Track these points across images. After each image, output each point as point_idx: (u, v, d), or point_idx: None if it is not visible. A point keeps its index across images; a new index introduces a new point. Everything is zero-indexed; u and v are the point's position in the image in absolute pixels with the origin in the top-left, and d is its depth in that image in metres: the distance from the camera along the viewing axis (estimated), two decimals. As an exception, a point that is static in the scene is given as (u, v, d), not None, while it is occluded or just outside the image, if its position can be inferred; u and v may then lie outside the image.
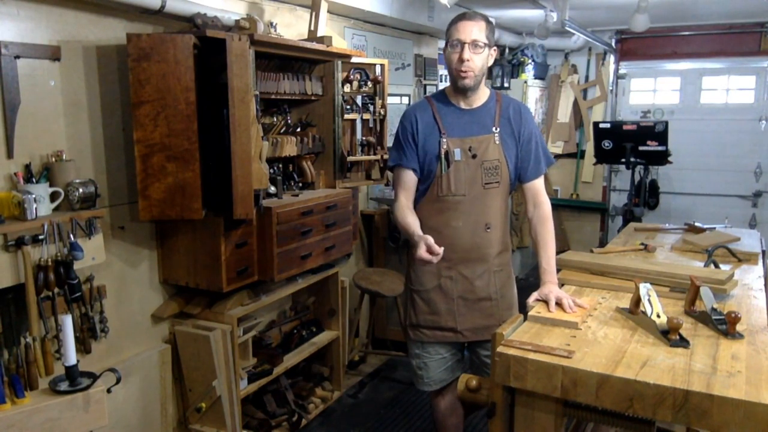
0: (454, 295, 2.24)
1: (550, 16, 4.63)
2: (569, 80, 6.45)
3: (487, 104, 2.23)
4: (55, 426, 1.97)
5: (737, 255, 2.47)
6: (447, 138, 2.17)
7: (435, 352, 2.32)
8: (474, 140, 2.18)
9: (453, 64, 2.12)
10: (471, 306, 2.25)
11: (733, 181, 5.93)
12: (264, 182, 2.66)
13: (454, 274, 2.23)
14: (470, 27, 2.09)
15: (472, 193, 2.18)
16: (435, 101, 2.25)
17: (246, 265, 2.73)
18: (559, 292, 1.94)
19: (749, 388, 1.36)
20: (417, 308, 2.30)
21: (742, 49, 5.74)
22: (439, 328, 2.27)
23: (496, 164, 2.19)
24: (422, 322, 2.29)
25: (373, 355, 4.14)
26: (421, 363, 2.34)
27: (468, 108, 2.22)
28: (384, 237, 4.12)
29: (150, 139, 2.34)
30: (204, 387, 2.76)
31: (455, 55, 2.10)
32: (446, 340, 2.29)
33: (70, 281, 2.16)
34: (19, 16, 2.12)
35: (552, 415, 1.58)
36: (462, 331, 2.25)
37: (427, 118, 2.21)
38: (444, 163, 2.16)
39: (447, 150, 2.16)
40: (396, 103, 4.49)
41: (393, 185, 2.31)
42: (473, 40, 2.08)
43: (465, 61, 2.08)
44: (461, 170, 2.17)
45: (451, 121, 2.20)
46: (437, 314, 2.26)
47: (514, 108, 2.26)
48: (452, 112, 2.22)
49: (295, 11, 3.41)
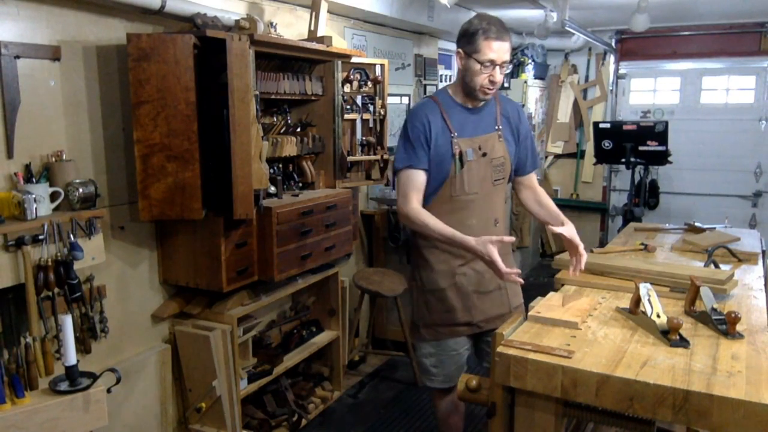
0: (468, 290, 2.27)
1: (550, 16, 4.63)
2: (569, 80, 6.45)
3: (488, 104, 2.28)
4: (55, 426, 1.97)
5: (737, 255, 2.47)
6: (458, 138, 2.20)
7: (450, 348, 2.35)
8: (482, 139, 2.24)
9: (480, 80, 2.13)
10: (483, 298, 2.29)
11: (733, 181, 5.93)
12: (264, 182, 2.66)
13: (467, 269, 2.27)
14: (503, 47, 2.11)
15: (483, 190, 2.24)
16: (441, 101, 2.25)
17: (246, 265, 2.73)
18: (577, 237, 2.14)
19: (749, 388, 1.36)
20: (431, 308, 2.32)
21: (742, 49, 5.74)
22: (455, 324, 2.30)
23: (502, 161, 2.27)
24: (438, 320, 2.31)
25: (373, 355, 4.14)
26: (436, 361, 2.36)
27: (473, 108, 2.26)
28: (384, 237, 4.12)
29: (150, 139, 2.34)
30: (204, 387, 2.76)
31: (485, 75, 2.12)
32: (462, 335, 2.33)
33: (70, 281, 2.15)
34: (19, 16, 2.12)
35: (552, 415, 1.58)
36: (477, 323, 2.29)
37: (437, 119, 2.21)
38: (458, 163, 2.19)
39: (460, 150, 2.19)
40: (396, 103, 4.49)
41: (400, 187, 2.24)
42: (504, 61, 2.12)
43: (497, 82, 2.14)
44: (474, 169, 2.21)
45: (459, 121, 2.23)
46: (452, 311, 2.29)
47: (512, 107, 2.36)
48: (459, 112, 2.24)
49: (295, 11, 3.41)
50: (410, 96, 4.71)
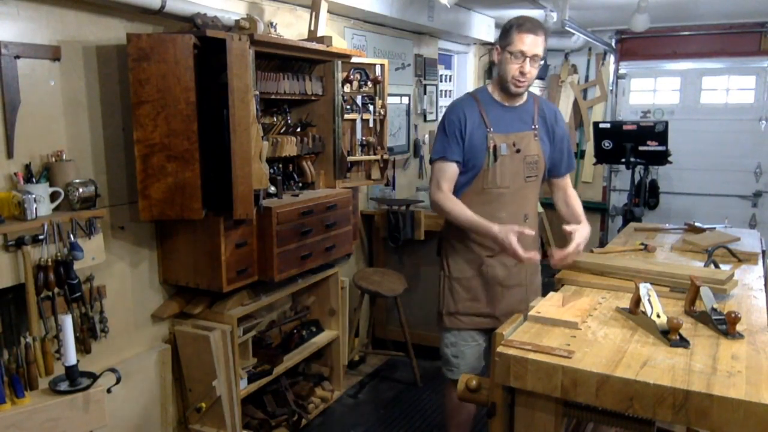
0: (494, 281, 2.36)
1: (550, 16, 4.63)
2: (569, 80, 6.45)
3: (526, 103, 2.38)
4: (55, 426, 1.97)
5: (737, 255, 2.47)
6: (493, 133, 2.28)
7: (471, 338, 2.43)
8: (517, 136, 2.32)
9: (512, 72, 2.23)
10: (506, 292, 2.38)
11: (733, 181, 5.93)
12: (264, 182, 2.66)
13: (495, 262, 2.35)
14: (534, 40, 2.20)
15: (515, 185, 2.33)
16: (480, 98, 2.35)
17: (246, 265, 2.73)
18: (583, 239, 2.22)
19: (749, 388, 1.36)
20: (456, 296, 2.40)
21: (742, 49, 5.74)
22: (477, 314, 2.38)
23: (536, 159, 2.35)
24: (461, 309, 2.39)
25: (373, 355, 4.14)
26: (457, 351, 2.43)
27: (510, 106, 2.35)
28: (384, 237, 4.11)
29: (150, 139, 2.34)
30: (204, 387, 2.76)
31: (515, 65, 2.22)
32: (484, 326, 2.39)
33: (70, 281, 2.15)
34: (19, 16, 2.12)
35: (552, 415, 1.58)
36: (499, 316, 2.34)
37: (474, 114, 2.31)
38: (491, 156, 2.27)
39: (495, 144, 2.27)
40: (396, 103, 4.49)
41: (433, 176, 2.35)
42: (535, 54, 2.20)
43: (526, 74, 2.21)
44: (506, 164, 2.29)
45: (495, 117, 2.32)
46: (478, 300, 2.38)
47: (550, 109, 2.46)
48: (496, 109, 2.34)
49: (295, 11, 3.41)
50: (410, 96, 4.71)
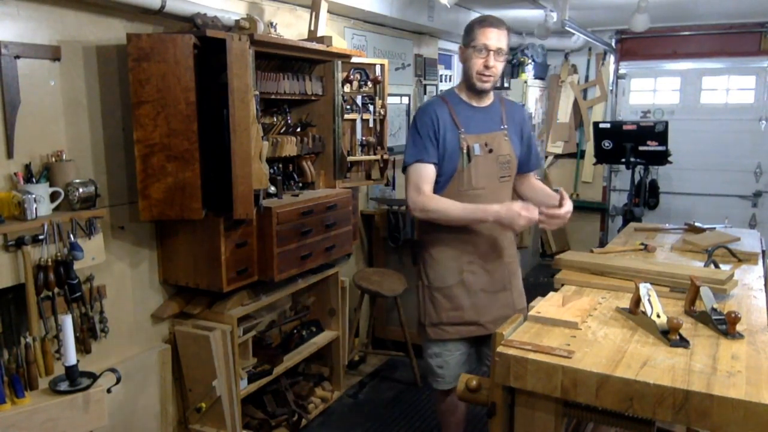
0: (476, 288, 2.30)
1: (550, 16, 4.64)
2: (569, 80, 6.45)
3: (494, 104, 2.36)
4: (55, 426, 1.97)
5: (737, 255, 2.46)
6: (465, 134, 2.26)
7: (456, 348, 2.37)
8: (488, 136, 2.29)
9: (476, 67, 2.22)
10: (491, 298, 2.32)
11: (733, 181, 5.93)
12: (264, 182, 2.66)
13: (476, 268, 2.30)
14: (497, 34, 2.19)
15: (491, 186, 2.29)
16: (449, 99, 2.32)
17: (246, 265, 2.73)
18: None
19: (749, 388, 1.36)
20: (438, 306, 2.33)
21: (742, 49, 5.74)
22: (462, 323, 2.31)
23: (508, 158, 2.33)
24: (444, 319, 2.32)
25: (373, 355, 4.14)
26: (441, 362, 2.37)
27: (479, 106, 2.33)
28: (384, 237, 4.12)
29: (150, 139, 2.34)
30: (204, 387, 2.76)
31: (480, 60, 2.20)
32: (470, 335, 2.34)
33: (70, 281, 2.16)
34: (19, 16, 2.12)
35: (552, 415, 1.57)
36: (485, 323, 2.30)
37: (445, 115, 2.28)
38: (465, 158, 2.24)
39: (468, 145, 2.25)
40: (396, 103, 4.49)
41: (411, 180, 2.26)
42: (499, 48, 2.19)
43: (490, 67, 2.20)
44: (480, 165, 2.26)
45: (465, 118, 2.29)
46: (460, 309, 2.31)
47: (518, 109, 2.45)
48: (466, 109, 2.31)
49: (295, 11, 3.41)
50: (410, 96, 4.71)
